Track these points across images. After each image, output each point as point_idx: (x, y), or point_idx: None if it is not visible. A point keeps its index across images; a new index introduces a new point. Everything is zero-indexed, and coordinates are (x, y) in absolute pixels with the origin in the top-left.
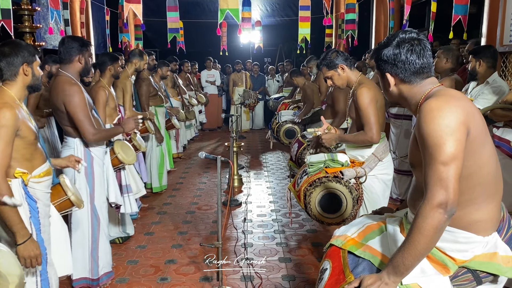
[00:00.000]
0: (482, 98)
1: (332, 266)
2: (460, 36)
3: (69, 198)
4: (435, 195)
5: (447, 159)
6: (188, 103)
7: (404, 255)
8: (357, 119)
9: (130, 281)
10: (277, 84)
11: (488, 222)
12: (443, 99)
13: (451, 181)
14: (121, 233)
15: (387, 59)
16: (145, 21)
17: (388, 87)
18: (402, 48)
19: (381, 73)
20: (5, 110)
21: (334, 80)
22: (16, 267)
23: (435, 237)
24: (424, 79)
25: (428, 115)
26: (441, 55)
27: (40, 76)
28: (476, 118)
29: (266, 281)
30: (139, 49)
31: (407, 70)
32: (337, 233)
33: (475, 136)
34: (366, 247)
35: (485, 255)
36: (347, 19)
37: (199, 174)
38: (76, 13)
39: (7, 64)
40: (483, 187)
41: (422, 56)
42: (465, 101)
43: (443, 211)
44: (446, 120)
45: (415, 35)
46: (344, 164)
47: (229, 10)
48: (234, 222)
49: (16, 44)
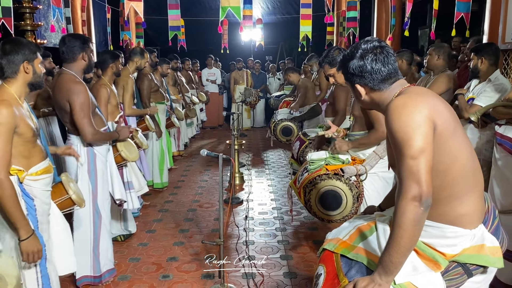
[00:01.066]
0: (484, 96)
1: (326, 271)
2: (463, 33)
3: (70, 197)
4: (408, 189)
5: (415, 153)
6: (189, 101)
7: (391, 253)
8: (365, 116)
9: (132, 279)
10: (278, 82)
11: (473, 214)
12: (408, 96)
13: (422, 174)
14: (123, 230)
15: (354, 71)
16: (146, 19)
17: (359, 97)
18: (366, 59)
19: (350, 84)
20: (2, 108)
21: (336, 77)
22: (14, 268)
23: (415, 230)
24: (392, 84)
25: (394, 112)
26: (432, 52)
27: (42, 73)
28: (442, 113)
29: (267, 278)
30: (140, 47)
31: (375, 79)
32: (329, 237)
33: (442, 130)
34: (358, 249)
35: (473, 247)
36: (349, 16)
37: (200, 172)
38: (78, 11)
39: (8, 62)
40: (462, 180)
41: (387, 63)
42: (430, 97)
43: (418, 204)
44: (410, 115)
45: (377, 43)
46: (345, 161)
47: (230, 8)
48: (236, 219)
49: (17, 42)
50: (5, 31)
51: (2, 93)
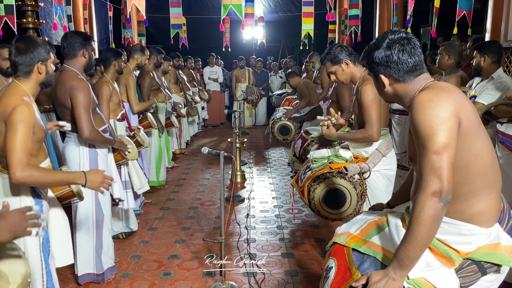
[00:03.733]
0: (486, 94)
1: (338, 264)
2: (465, 31)
3: (72, 190)
4: (430, 184)
5: (438, 148)
6: (191, 100)
7: (407, 247)
8: (360, 115)
9: (133, 276)
10: (280, 80)
11: (490, 213)
12: (434, 91)
13: (444, 169)
14: (124, 228)
15: (380, 61)
16: (148, 17)
17: (383, 88)
18: (393, 49)
19: (374, 75)
20: (24, 107)
21: (338, 75)
22: (22, 265)
23: (434, 225)
24: (417, 76)
25: (419, 106)
26: (443, 52)
27: (53, 72)
28: (467, 109)
29: (268, 276)
30: (141, 45)
31: (401, 70)
32: (339, 231)
33: (467, 127)
34: (370, 244)
35: (488, 246)
36: (351, 14)
37: (202, 170)
38: (79, 9)
39: (23, 61)
40: (482, 178)
41: (414, 54)
42: (456, 93)
43: (438, 199)
44: (436, 110)
45: (404, 34)
46: (348, 159)
47: (232, 6)
48: (237, 217)
49: (32, 41)
50: (7, 29)
51: (19, 91)
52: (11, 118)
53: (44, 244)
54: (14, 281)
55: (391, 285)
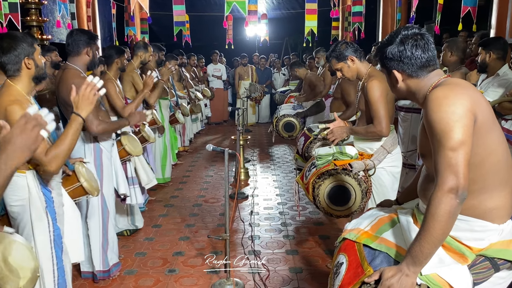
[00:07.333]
0: (492, 91)
1: (349, 260)
2: (469, 28)
3: (82, 185)
4: (446, 181)
5: (455, 145)
6: (194, 97)
7: (422, 243)
8: (367, 111)
9: (138, 273)
10: (283, 78)
11: (503, 209)
12: (449, 87)
13: (460, 166)
14: (129, 225)
15: (393, 56)
16: (151, 14)
17: (396, 84)
18: (406, 45)
19: (387, 70)
20: (15, 106)
21: (343, 72)
22: (30, 260)
23: (449, 222)
24: (430, 72)
25: (434, 103)
26: (446, 49)
27: (43, 64)
28: (482, 106)
29: (273, 273)
30: (144, 41)
31: (414, 65)
32: (349, 227)
33: (482, 123)
34: (381, 240)
35: (501, 242)
36: (354, 11)
37: (205, 167)
38: (83, 7)
39: (8, 60)
40: (495, 174)
41: (427, 49)
42: (471, 89)
43: (455, 196)
44: (452, 107)
45: (417, 30)
46: (353, 156)
47: (235, 3)
48: (241, 214)
49: (12, 38)
50: (11, 27)
51: (12, 92)
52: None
53: (56, 240)
54: (24, 276)
55: (405, 281)
